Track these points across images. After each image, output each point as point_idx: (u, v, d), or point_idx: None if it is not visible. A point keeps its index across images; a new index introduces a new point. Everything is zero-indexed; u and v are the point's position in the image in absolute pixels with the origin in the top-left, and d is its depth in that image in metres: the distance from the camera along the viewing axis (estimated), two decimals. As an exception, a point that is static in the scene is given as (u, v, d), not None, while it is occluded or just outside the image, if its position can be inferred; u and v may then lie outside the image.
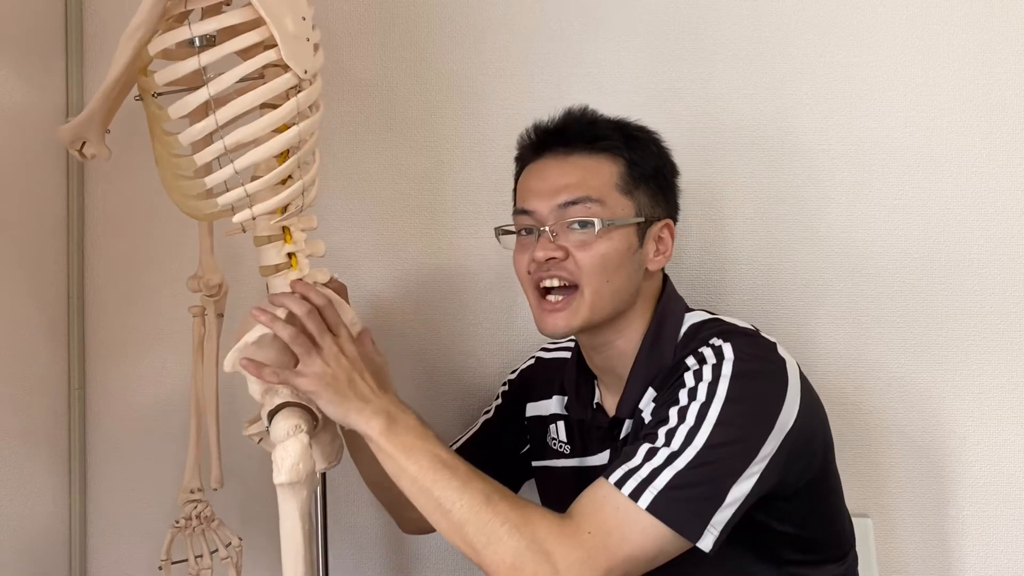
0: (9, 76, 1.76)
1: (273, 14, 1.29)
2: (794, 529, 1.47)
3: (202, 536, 1.75)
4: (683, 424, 1.36)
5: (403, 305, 1.99)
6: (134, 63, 1.33)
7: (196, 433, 1.74)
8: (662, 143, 1.61)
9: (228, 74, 1.31)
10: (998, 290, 1.93)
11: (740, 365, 1.40)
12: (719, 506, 1.32)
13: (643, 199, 1.53)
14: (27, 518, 1.82)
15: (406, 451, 1.38)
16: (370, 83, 1.98)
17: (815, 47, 1.96)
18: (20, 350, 1.80)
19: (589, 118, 1.58)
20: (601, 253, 1.48)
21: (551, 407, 1.74)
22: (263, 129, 1.34)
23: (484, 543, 1.32)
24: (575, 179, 1.51)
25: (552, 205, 1.51)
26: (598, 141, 1.54)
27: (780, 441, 1.37)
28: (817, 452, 1.49)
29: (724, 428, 1.34)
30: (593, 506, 1.34)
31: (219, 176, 1.35)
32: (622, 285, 1.51)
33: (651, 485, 1.31)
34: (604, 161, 1.53)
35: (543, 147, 1.58)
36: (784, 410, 1.38)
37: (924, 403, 1.94)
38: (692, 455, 1.33)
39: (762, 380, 1.42)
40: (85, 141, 1.45)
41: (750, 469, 1.34)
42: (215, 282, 1.68)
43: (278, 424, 1.40)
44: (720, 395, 1.37)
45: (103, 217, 1.98)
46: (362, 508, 2.01)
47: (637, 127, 1.59)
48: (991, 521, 1.94)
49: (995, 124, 1.93)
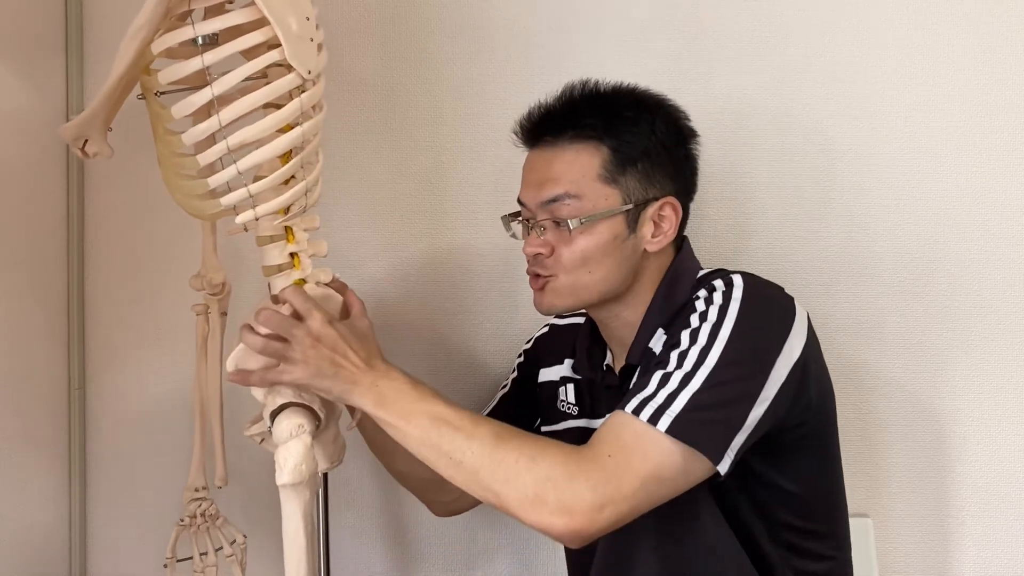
0: (9, 76, 1.75)
1: (277, 14, 1.29)
2: (792, 485, 1.48)
3: (207, 534, 1.74)
4: (695, 345, 1.37)
5: (405, 304, 1.99)
6: (137, 62, 1.33)
7: (200, 431, 1.74)
8: (663, 114, 1.57)
9: (232, 74, 1.31)
10: (998, 290, 1.94)
11: (750, 290, 1.42)
12: (738, 429, 1.33)
13: (631, 184, 1.51)
14: (27, 518, 1.82)
15: (405, 416, 1.37)
16: (371, 83, 1.98)
17: (815, 47, 1.97)
18: (20, 350, 1.80)
19: (573, 104, 1.56)
20: (580, 249, 1.49)
21: (562, 371, 1.75)
22: (267, 129, 1.33)
23: (503, 482, 1.31)
24: (555, 173, 1.51)
25: (537, 200, 1.53)
26: (580, 129, 1.52)
27: (789, 368, 1.38)
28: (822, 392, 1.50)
29: (736, 346, 1.36)
30: (611, 433, 1.34)
31: (222, 176, 1.35)
32: (609, 273, 1.51)
33: (668, 409, 1.31)
34: (585, 151, 1.51)
35: (533, 135, 1.59)
36: (792, 336, 1.40)
37: (924, 403, 1.95)
38: (706, 375, 1.34)
39: (771, 304, 1.45)
40: (87, 139, 1.45)
41: (764, 392, 1.35)
42: (218, 281, 1.67)
43: (280, 424, 1.40)
44: (732, 314, 1.39)
45: (103, 217, 1.97)
46: (363, 508, 2.00)
47: (631, 102, 1.56)
48: (991, 521, 1.94)
49: (996, 124, 1.94)
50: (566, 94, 1.58)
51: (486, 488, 1.32)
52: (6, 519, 1.75)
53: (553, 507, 1.29)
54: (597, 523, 1.29)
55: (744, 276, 1.45)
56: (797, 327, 1.42)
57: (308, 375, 1.39)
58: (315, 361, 1.38)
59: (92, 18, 1.95)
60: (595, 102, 1.56)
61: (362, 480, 1.97)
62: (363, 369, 1.41)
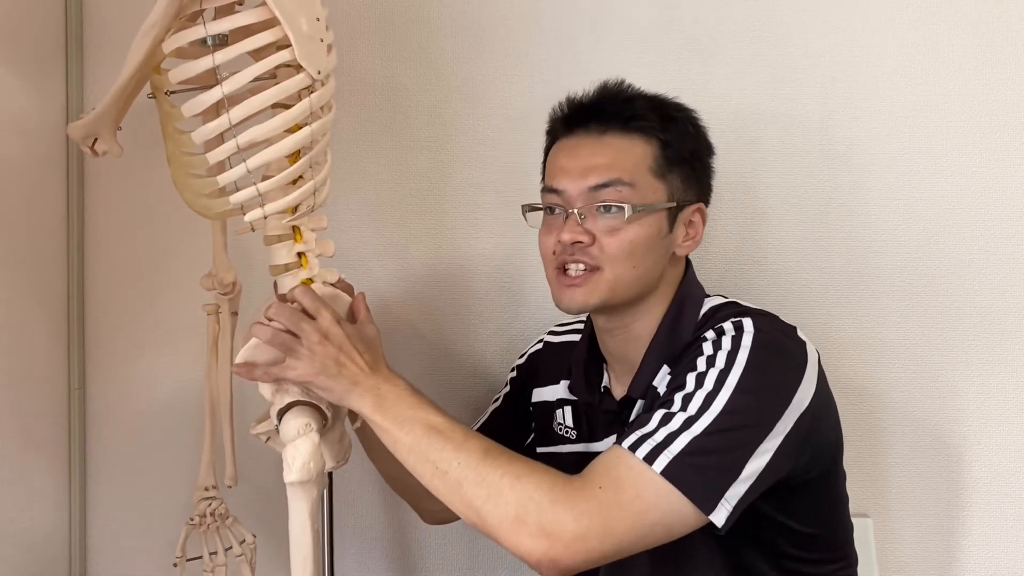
0: (9, 77, 1.75)
1: (288, 14, 1.28)
2: (799, 524, 1.45)
3: (216, 533, 1.74)
4: (701, 389, 1.33)
5: (408, 304, 1.99)
6: (148, 61, 1.32)
7: (210, 431, 1.74)
8: (699, 123, 1.57)
9: (242, 73, 1.31)
10: (999, 290, 1.95)
11: (760, 337, 1.38)
12: (735, 479, 1.28)
13: (676, 182, 1.49)
14: (27, 518, 1.81)
15: (399, 422, 1.35)
16: (372, 83, 1.98)
17: (815, 47, 1.97)
18: (20, 350, 1.79)
19: (625, 95, 1.53)
20: (630, 239, 1.45)
21: (558, 392, 1.71)
22: (276, 129, 1.33)
23: (484, 497, 1.28)
24: (607, 160, 1.47)
25: (582, 187, 1.47)
26: (633, 120, 1.49)
27: (795, 420, 1.34)
28: (828, 443, 1.47)
29: (742, 396, 1.32)
30: (605, 466, 1.30)
31: (232, 175, 1.34)
32: (648, 270, 1.48)
33: (666, 449, 1.27)
34: (638, 142, 1.48)
35: (575, 122, 1.53)
36: (802, 388, 1.36)
37: (924, 403, 1.96)
38: (709, 420, 1.30)
39: (782, 354, 1.40)
40: (97, 138, 1.45)
41: (766, 444, 1.31)
42: (229, 280, 1.67)
43: (288, 423, 1.40)
44: (740, 363, 1.34)
45: (103, 217, 1.97)
46: (367, 507, 2.00)
47: (675, 105, 1.55)
48: (992, 521, 1.95)
49: (996, 124, 1.95)
50: (611, 86, 1.56)
51: (468, 504, 1.30)
52: (6, 519, 1.74)
53: (533, 529, 1.25)
54: (577, 555, 1.25)
55: (755, 320, 1.41)
56: (808, 376, 1.38)
57: (312, 372, 1.38)
58: (320, 358, 1.38)
59: (92, 19, 1.95)
60: (641, 98, 1.54)
61: (363, 480, 1.97)
62: (366, 372, 1.40)
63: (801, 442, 1.35)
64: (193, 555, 1.75)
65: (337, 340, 1.39)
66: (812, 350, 1.43)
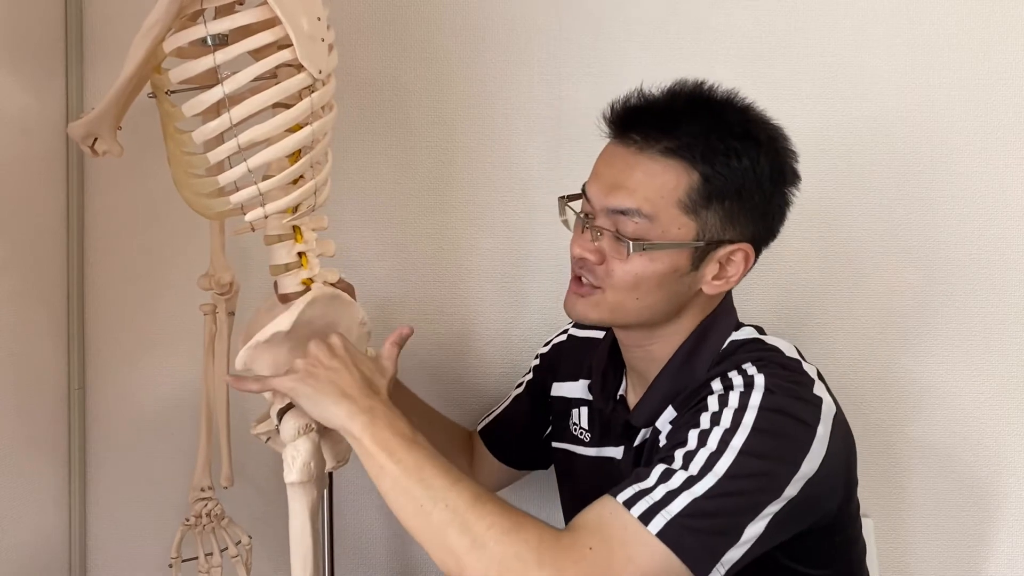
0: (9, 77, 1.75)
1: (288, 14, 1.28)
2: (803, 567, 1.39)
3: (212, 534, 1.74)
4: (703, 448, 1.25)
5: (409, 304, 1.99)
6: (148, 60, 1.32)
7: (207, 431, 1.74)
8: (771, 151, 1.39)
9: (242, 73, 1.31)
10: (999, 290, 1.95)
11: (770, 398, 1.28)
12: (733, 543, 1.22)
13: (712, 220, 1.35)
14: (27, 518, 1.81)
15: (389, 451, 1.27)
16: (374, 83, 1.98)
17: (815, 47, 1.97)
18: (20, 350, 1.79)
19: (678, 110, 1.38)
20: (635, 272, 1.35)
21: (576, 391, 1.64)
22: (276, 128, 1.33)
23: (467, 547, 1.19)
24: (632, 183, 1.35)
25: (604, 203, 1.37)
26: (676, 142, 1.34)
27: (801, 487, 1.26)
28: (835, 498, 1.37)
29: (747, 459, 1.23)
30: (598, 522, 1.22)
31: (232, 174, 1.34)
32: (655, 304, 1.39)
33: (664, 510, 1.20)
34: (674, 170, 1.34)
35: (622, 128, 1.40)
36: (812, 453, 1.27)
37: (924, 403, 1.96)
38: (711, 483, 1.22)
39: (792, 418, 1.29)
40: (97, 137, 1.44)
41: (769, 508, 1.24)
42: (226, 280, 1.67)
43: (288, 423, 1.39)
44: (747, 425, 1.26)
45: (103, 217, 1.97)
46: (368, 508, 2.00)
47: (742, 131, 1.37)
48: (992, 521, 1.95)
49: (996, 124, 1.95)
50: (674, 92, 1.41)
51: (449, 550, 1.21)
52: (6, 519, 1.75)
53: None
54: None
55: (768, 376, 1.30)
56: (818, 441, 1.28)
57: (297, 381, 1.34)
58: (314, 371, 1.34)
59: (92, 19, 1.95)
60: (701, 115, 1.37)
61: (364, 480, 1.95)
62: (366, 392, 1.33)
63: (805, 506, 1.28)
64: (189, 556, 1.75)
65: (342, 356, 1.36)
66: (828, 406, 1.33)
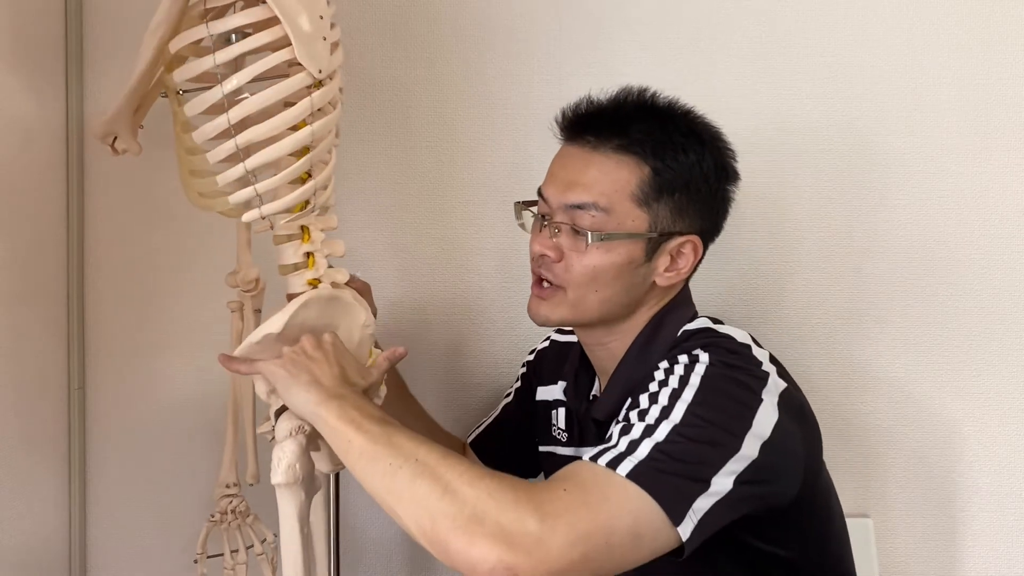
0: (9, 78, 1.75)
1: (288, 13, 1.28)
2: (781, 550, 1.39)
3: (237, 531, 1.74)
4: (655, 405, 1.28)
5: (411, 304, 1.99)
6: (157, 60, 1.33)
7: (233, 428, 1.73)
8: (713, 148, 1.48)
9: (242, 72, 1.31)
10: (998, 290, 1.95)
11: (714, 368, 1.31)
12: (702, 491, 1.21)
13: (663, 212, 1.43)
14: (27, 518, 1.81)
15: (356, 424, 1.26)
16: (376, 84, 1.98)
17: (815, 47, 1.97)
18: (20, 350, 1.79)
19: (627, 112, 1.47)
20: (593, 264, 1.42)
21: (555, 393, 1.68)
22: (277, 128, 1.33)
23: (439, 494, 1.15)
24: (588, 179, 1.43)
25: (561, 201, 1.44)
26: (627, 142, 1.43)
27: (760, 449, 1.26)
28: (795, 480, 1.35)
29: (699, 409, 1.26)
30: (568, 472, 1.23)
31: (232, 174, 1.34)
32: (613, 296, 1.44)
33: (630, 457, 1.21)
34: (625, 165, 1.42)
35: (576, 131, 1.48)
36: (760, 416, 1.28)
37: (924, 403, 1.96)
38: (668, 430, 1.23)
39: (736, 383, 1.31)
40: (116, 136, 1.45)
41: (730, 465, 1.23)
42: (251, 277, 1.65)
43: (281, 423, 1.38)
44: (693, 384, 1.29)
45: (103, 218, 1.97)
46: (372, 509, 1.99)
47: (686, 129, 1.47)
48: (991, 520, 1.95)
49: (996, 124, 1.95)
50: (620, 98, 1.49)
51: (419, 503, 1.17)
52: (6, 519, 1.75)
53: (490, 529, 1.12)
54: (538, 564, 1.11)
55: (712, 354, 1.33)
56: (766, 406, 1.30)
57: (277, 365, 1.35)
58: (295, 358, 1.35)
59: (92, 20, 1.95)
60: (649, 116, 1.46)
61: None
62: (337, 383, 1.33)
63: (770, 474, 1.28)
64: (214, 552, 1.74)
65: (327, 349, 1.37)
66: (775, 383, 1.34)
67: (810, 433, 1.43)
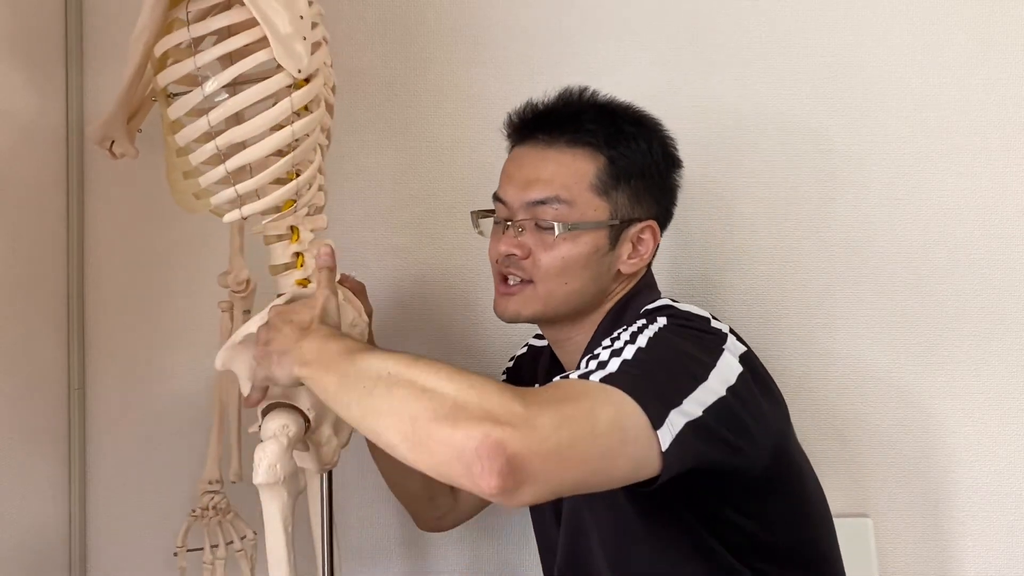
0: (10, 77, 1.76)
1: (264, 14, 1.29)
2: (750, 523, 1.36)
3: (218, 527, 1.75)
4: (617, 340, 1.27)
5: (408, 305, 1.99)
6: (144, 64, 1.34)
7: (218, 426, 1.75)
8: (659, 137, 1.54)
9: (223, 74, 1.32)
10: (998, 291, 1.93)
11: (672, 322, 1.32)
12: (677, 402, 1.19)
13: (621, 200, 1.47)
14: (27, 517, 1.83)
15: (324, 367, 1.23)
16: (373, 84, 1.98)
17: (815, 47, 1.97)
18: (20, 350, 1.80)
19: (576, 107, 1.52)
20: (562, 256, 1.45)
21: None
22: (257, 129, 1.33)
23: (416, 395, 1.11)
24: (547, 175, 1.47)
25: (522, 199, 1.48)
26: (579, 135, 1.47)
27: (727, 391, 1.25)
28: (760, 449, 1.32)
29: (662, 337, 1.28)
30: (548, 384, 1.22)
31: (214, 175, 1.35)
32: (583, 287, 1.47)
33: (602, 370, 1.20)
34: (582, 157, 1.47)
35: (525, 131, 1.54)
36: (723, 361, 1.29)
37: (924, 403, 1.94)
38: (634, 350, 1.23)
39: (696, 331, 1.34)
40: (114, 140, 1.47)
41: (699, 392, 1.22)
42: (242, 279, 1.67)
43: (267, 423, 1.38)
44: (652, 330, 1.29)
45: (103, 217, 1.98)
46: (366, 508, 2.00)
47: (633, 119, 1.52)
48: (990, 521, 1.93)
49: (995, 124, 1.94)
50: (566, 96, 1.54)
51: (397, 413, 1.11)
52: (6, 518, 1.76)
53: (475, 412, 1.07)
54: (526, 440, 1.06)
55: (668, 317, 1.34)
56: (726, 357, 1.30)
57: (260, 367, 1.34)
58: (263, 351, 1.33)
59: (92, 20, 1.96)
60: (596, 110, 1.52)
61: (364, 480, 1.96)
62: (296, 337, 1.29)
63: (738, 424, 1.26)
64: (194, 546, 1.76)
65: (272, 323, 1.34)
66: (735, 345, 1.34)
67: (778, 411, 1.41)
